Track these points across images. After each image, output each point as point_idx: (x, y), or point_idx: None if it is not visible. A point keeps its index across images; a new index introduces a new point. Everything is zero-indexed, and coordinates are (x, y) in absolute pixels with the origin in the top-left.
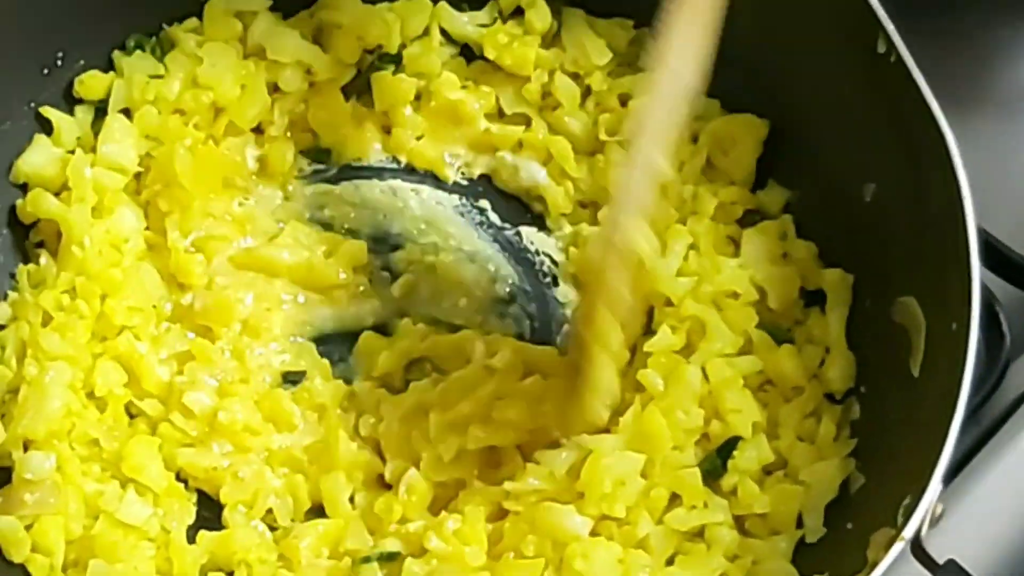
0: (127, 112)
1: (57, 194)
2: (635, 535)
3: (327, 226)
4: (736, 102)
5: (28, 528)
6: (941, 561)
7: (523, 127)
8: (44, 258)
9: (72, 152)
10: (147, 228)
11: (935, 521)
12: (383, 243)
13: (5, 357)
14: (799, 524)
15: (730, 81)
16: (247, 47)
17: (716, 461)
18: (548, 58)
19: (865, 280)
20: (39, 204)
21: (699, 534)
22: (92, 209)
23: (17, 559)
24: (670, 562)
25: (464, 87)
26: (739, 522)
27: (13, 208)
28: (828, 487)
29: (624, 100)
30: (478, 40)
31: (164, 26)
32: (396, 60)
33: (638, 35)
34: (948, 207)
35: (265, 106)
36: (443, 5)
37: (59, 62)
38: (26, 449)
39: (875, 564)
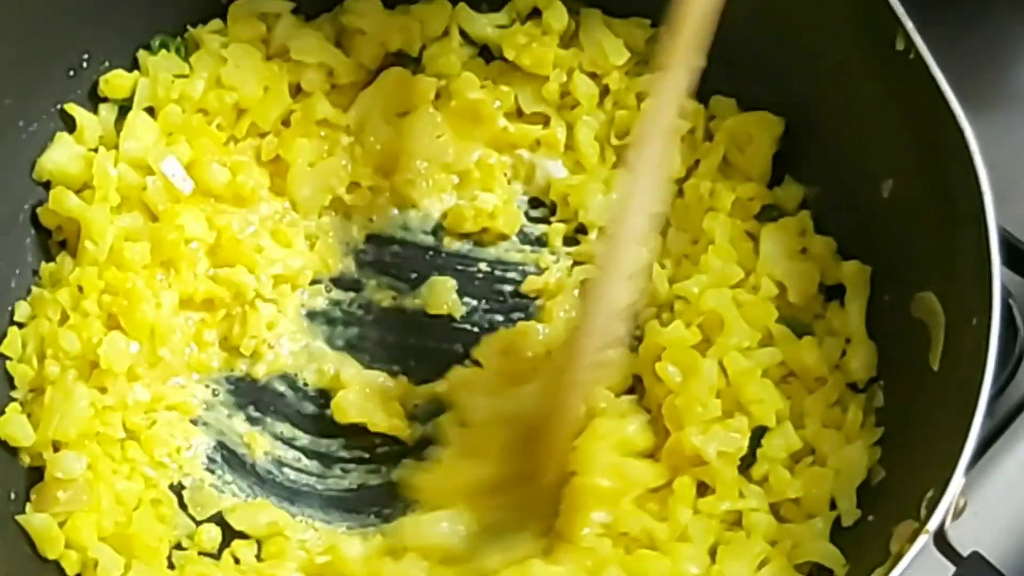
0: (151, 111)
1: (79, 192)
2: (678, 525)
3: None
4: (752, 100)
5: (61, 525)
6: (965, 553)
7: (541, 126)
8: (65, 256)
9: (95, 150)
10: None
11: (958, 514)
12: None
13: (26, 355)
14: (832, 507)
15: (747, 79)
16: (270, 48)
17: (745, 451)
18: (566, 58)
19: (883, 275)
20: (60, 202)
21: (737, 523)
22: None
23: (51, 556)
24: (713, 554)
25: (483, 87)
26: (774, 510)
27: (38, 207)
28: (857, 470)
29: (641, 99)
30: (497, 41)
31: (189, 27)
32: (416, 61)
33: (655, 34)
34: (968, 203)
35: (287, 107)
36: (462, 6)
37: (84, 63)
38: (56, 449)
39: (899, 556)
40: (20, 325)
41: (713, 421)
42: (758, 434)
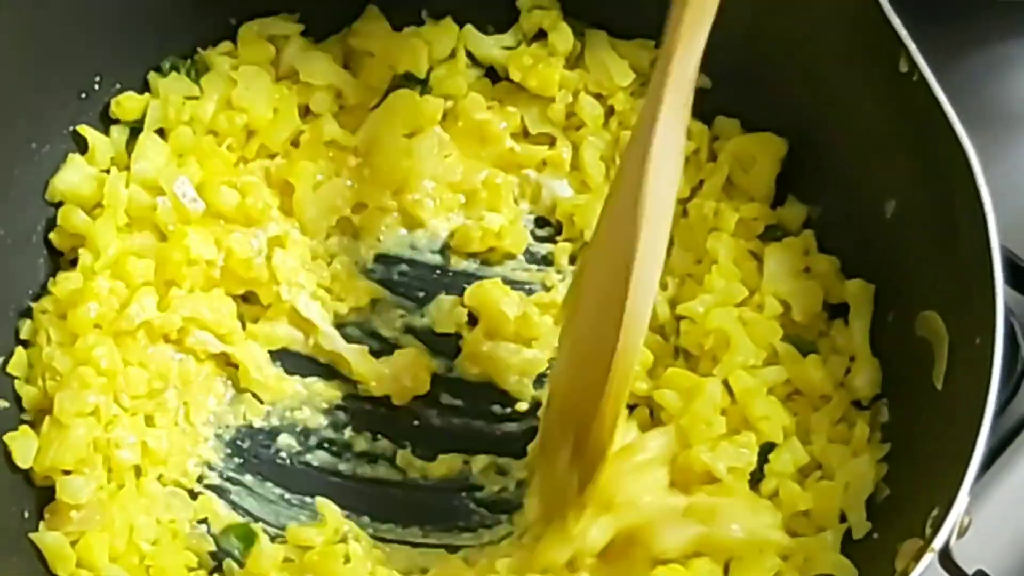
0: (162, 132)
1: (90, 212)
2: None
3: None
4: (756, 120)
5: (73, 544)
6: (970, 572)
7: (547, 146)
8: (68, 275)
9: (107, 171)
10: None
11: (963, 532)
12: None
13: (33, 375)
14: (842, 520)
15: (750, 99)
16: (279, 70)
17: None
18: (572, 79)
19: (887, 294)
20: (68, 218)
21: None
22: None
23: (62, 574)
24: (726, 569)
25: (490, 107)
26: (785, 524)
27: (50, 227)
28: (865, 482)
29: None
30: (503, 62)
31: (199, 49)
32: (423, 82)
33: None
34: (971, 224)
35: (296, 129)
36: (469, 28)
37: (96, 85)
38: (66, 472)
39: (905, 574)
40: (26, 344)
41: (721, 438)
42: (765, 451)
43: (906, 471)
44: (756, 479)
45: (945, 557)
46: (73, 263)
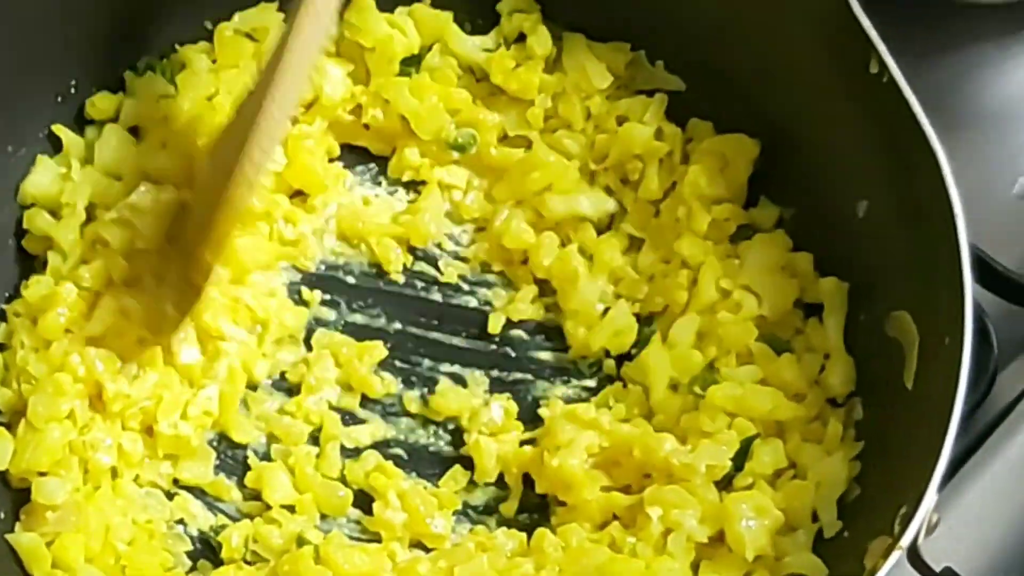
0: (135, 130)
1: (58, 214)
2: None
3: None
4: (729, 122)
5: (49, 545)
6: (938, 569)
7: (523, 149)
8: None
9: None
10: None
11: (931, 529)
12: None
13: (8, 378)
14: (813, 520)
15: (723, 102)
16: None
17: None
18: (551, 82)
19: (859, 294)
20: (33, 221)
21: (719, 538)
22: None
23: (38, 575)
24: (695, 569)
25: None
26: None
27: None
28: (837, 482)
29: (621, 122)
30: (484, 65)
31: (177, 46)
32: (416, 63)
33: (635, 58)
34: (940, 224)
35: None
36: (454, 27)
37: (73, 89)
38: (42, 473)
39: (873, 572)
40: (1, 347)
41: (701, 436)
42: (744, 449)
43: (877, 470)
44: (729, 477)
45: (913, 554)
46: (45, 266)
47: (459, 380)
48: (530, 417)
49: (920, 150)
